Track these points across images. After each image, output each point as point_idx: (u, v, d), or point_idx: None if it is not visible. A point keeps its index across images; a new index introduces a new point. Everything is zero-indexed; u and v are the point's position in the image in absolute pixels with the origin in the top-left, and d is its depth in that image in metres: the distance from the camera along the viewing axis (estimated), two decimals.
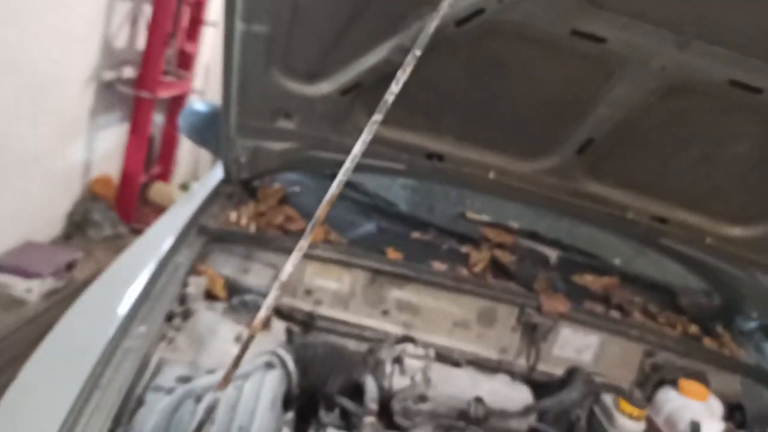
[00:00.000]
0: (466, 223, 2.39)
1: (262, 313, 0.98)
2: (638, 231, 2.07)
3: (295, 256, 0.96)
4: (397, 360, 1.76)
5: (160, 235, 1.93)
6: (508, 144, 1.92)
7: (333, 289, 2.03)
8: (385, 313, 2.05)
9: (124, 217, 5.03)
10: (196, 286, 1.76)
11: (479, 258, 2.14)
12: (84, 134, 4.59)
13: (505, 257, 2.20)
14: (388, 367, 1.75)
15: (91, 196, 4.87)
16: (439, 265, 2.07)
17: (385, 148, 1.97)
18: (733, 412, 2.05)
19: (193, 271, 1.80)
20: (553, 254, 2.30)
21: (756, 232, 1.98)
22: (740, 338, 2.31)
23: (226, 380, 1.01)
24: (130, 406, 1.32)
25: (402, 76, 0.95)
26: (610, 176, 1.96)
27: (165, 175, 5.84)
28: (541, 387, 1.95)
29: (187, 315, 1.67)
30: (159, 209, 5.52)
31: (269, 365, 1.53)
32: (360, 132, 1.97)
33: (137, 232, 4.99)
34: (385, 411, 1.66)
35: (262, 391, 1.44)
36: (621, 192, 1.99)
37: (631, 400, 1.80)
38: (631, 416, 1.78)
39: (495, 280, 2.10)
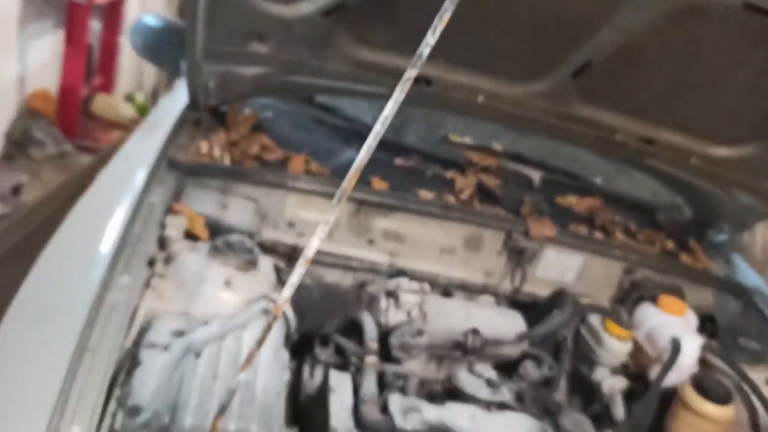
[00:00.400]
0: (449, 147, 2.32)
1: (286, 293, 0.91)
2: (625, 152, 2.05)
3: (322, 230, 0.88)
4: (391, 294, 1.74)
5: (127, 170, 1.80)
6: (501, 66, 1.82)
7: (316, 220, 1.96)
8: (371, 242, 2.00)
9: (68, 134, 4.71)
10: (175, 227, 1.66)
11: (465, 184, 2.09)
12: (14, 45, 4.17)
13: (491, 181, 2.16)
14: (383, 303, 1.72)
15: (29, 112, 4.50)
16: (425, 194, 2.01)
17: (369, 72, 1.84)
18: (705, 323, 2.15)
19: (170, 210, 1.70)
20: (536, 175, 2.27)
21: (741, 152, 1.98)
22: (710, 250, 2.38)
23: (248, 361, 0.95)
24: (124, 366, 1.26)
25: (439, 25, 0.83)
26: (603, 100, 1.90)
27: (107, 86, 5.46)
28: (527, 308, 1.97)
29: (169, 259, 1.58)
30: (104, 123, 5.22)
31: (266, 312, 1.48)
32: (343, 57, 1.84)
33: (84, 149, 4.72)
34: (381, 344, 1.66)
35: None
36: (612, 115, 1.94)
37: (619, 321, 1.84)
38: (618, 337, 1.83)
39: (481, 205, 2.07)
